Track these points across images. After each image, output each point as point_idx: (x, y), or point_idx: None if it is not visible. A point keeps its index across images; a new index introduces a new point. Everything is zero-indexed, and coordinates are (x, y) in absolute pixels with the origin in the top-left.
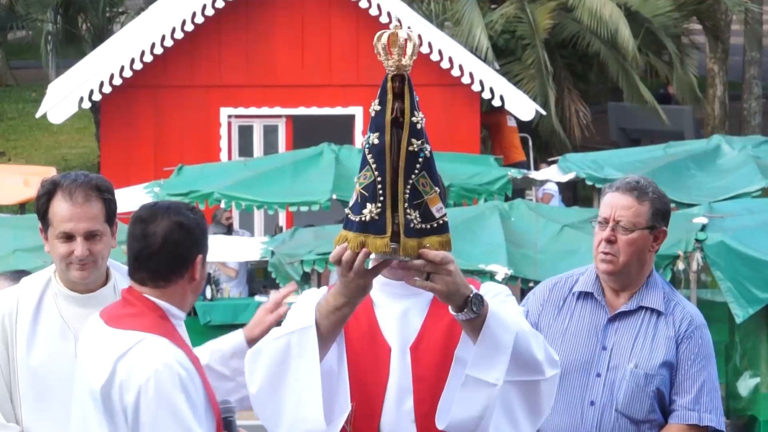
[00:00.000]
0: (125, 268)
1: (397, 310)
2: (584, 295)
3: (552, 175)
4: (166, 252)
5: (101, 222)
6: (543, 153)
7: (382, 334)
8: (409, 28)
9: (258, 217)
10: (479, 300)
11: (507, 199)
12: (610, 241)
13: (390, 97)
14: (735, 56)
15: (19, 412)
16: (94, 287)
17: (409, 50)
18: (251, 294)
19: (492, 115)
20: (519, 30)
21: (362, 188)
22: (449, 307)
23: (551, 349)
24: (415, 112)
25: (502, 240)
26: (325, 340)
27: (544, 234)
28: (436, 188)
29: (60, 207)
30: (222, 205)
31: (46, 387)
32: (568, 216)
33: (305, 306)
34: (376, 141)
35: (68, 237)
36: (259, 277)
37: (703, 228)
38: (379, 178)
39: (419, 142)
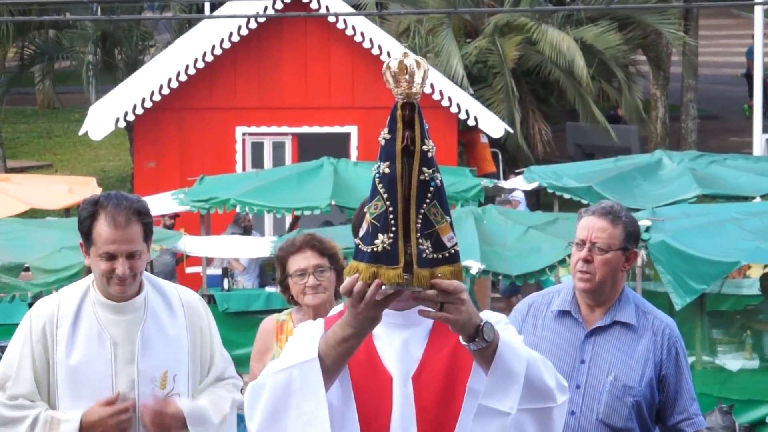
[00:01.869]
0: (156, 279)
1: (397, 341)
2: (562, 314)
3: (518, 184)
4: None
5: (140, 242)
6: (511, 165)
7: (383, 364)
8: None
9: (268, 219)
10: (490, 328)
11: (480, 204)
12: (587, 261)
13: (400, 125)
14: (674, 83)
15: (58, 407)
16: (128, 297)
17: (418, 78)
18: (262, 285)
19: (467, 133)
20: (490, 60)
21: (373, 218)
22: (460, 338)
23: (560, 375)
24: (426, 141)
25: (476, 239)
26: (329, 372)
27: (512, 234)
28: (447, 217)
29: (103, 230)
30: (237, 209)
31: (82, 385)
32: (532, 219)
33: (305, 338)
34: (386, 170)
35: (110, 257)
36: (269, 271)
37: (647, 229)
38: (390, 208)
39: (430, 170)
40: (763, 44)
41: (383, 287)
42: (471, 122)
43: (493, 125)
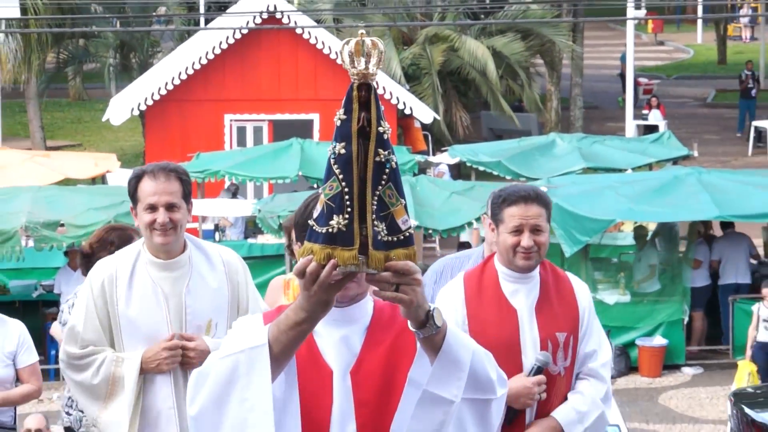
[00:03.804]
0: (199, 240)
1: (336, 336)
2: None
3: (444, 159)
4: None
5: (179, 197)
6: (438, 145)
7: (323, 358)
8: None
9: (249, 186)
10: (440, 314)
11: (414, 175)
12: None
13: (356, 106)
14: (565, 81)
15: (122, 350)
16: (173, 255)
17: (374, 59)
18: (245, 238)
19: (404, 120)
20: (421, 63)
21: (328, 199)
22: (410, 325)
23: (501, 369)
24: (381, 122)
25: (411, 202)
26: (277, 360)
27: (439, 198)
28: (402, 200)
29: (146, 185)
30: (226, 179)
31: (141, 332)
32: (454, 186)
33: (250, 327)
34: (342, 151)
35: (152, 208)
36: (251, 226)
37: None
38: (346, 189)
39: (386, 152)
40: (633, 51)
41: (338, 269)
42: (407, 111)
43: (424, 113)
